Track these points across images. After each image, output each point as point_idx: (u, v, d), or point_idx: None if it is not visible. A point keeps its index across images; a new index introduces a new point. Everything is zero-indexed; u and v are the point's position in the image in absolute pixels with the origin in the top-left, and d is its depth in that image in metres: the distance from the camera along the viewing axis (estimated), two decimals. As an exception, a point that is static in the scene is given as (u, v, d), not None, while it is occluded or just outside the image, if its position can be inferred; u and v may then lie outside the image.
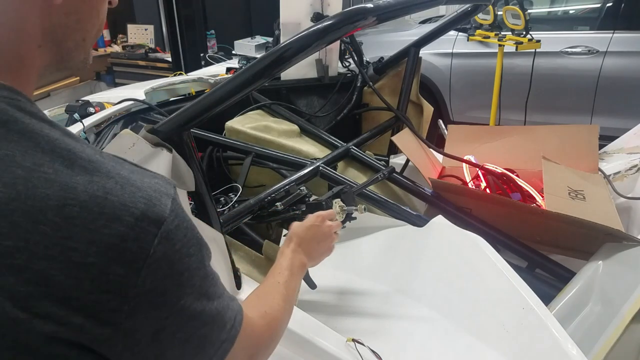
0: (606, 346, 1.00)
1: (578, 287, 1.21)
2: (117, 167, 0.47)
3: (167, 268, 0.46)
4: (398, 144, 1.69)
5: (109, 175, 0.46)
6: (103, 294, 0.43)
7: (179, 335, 0.48)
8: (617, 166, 1.70)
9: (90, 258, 0.42)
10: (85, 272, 0.42)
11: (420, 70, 2.02)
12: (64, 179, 0.44)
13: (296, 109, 2.05)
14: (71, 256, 0.42)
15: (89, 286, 0.43)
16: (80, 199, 0.43)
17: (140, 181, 0.47)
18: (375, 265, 1.37)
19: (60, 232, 0.42)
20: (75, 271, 0.42)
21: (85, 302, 0.42)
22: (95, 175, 0.45)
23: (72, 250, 0.42)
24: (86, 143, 0.49)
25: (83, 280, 0.42)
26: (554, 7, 4.31)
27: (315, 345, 0.96)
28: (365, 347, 0.94)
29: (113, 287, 0.43)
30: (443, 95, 4.01)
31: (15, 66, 0.49)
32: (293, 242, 0.95)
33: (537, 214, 1.42)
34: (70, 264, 0.42)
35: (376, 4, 1.17)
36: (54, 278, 0.42)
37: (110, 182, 0.45)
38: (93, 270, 0.42)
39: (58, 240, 0.42)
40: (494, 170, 1.65)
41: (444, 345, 1.08)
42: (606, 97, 3.47)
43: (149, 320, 0.46)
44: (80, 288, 0.42)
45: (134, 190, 0.46)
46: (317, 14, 1.98)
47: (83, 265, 0.42)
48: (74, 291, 0.42)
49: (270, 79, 1.12)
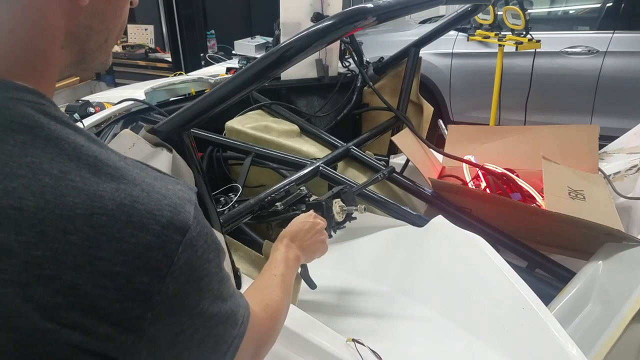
0: (606, 346, 1.00)
1: (578, 287, 1.21)
2: (142, 174, 0.47)
3: (189, 274, 0.47)
4: (398, 144, 1.69)
5: (135, 183, 0.46)
6: (128, 302, 0.43)
7: (196, 336, 0.49)
8: (617, 166, 1.70)
9: (117, 267, 0.42)
10: (112, 281, 0.42)
11: (420, 70, 2.02)
12: (91, 187, 0.43)
13: (296, 109, 2.05)
14: (98, 265, 0.42)
15: (115, 295, 0.42)
16: (108, 208, 0.43)
17: (164, 188, 0.47)
18: (375, 265, 1.37)
19: (89, 242, 0.42)
20: (103, 280, 0.42)
21: (111, 310, 0.42)
22: (122, 182, 0.45)
23: (100, 259, 0.42)
24: (110, 149, 0.49)
25: (109, 289, 0.42)
26: (554, 7, 4.31)
27: (315, 345, 0.96)
28: (365, 347, 0.94)
29: (138, 295, 0.43)
30: (443, 95, 4.01)
31: (39, 68, 0.49)
32: (286, 238, 0.99)
33: (537, 214, 1.42)
34: (97, 274, 0.42)
35: (376, 4, 1.17)
36: (81, 288, 0.41)
37: (137, 189, 0.45)
38: (119, 279, 0.42)
39: (86, 250, 0.42)
40: (494, 170, 1.65)
41: (444, 345, 1.08)
42: (606, 97, 3.47)
43: (170, 325, 0.46)
44: (107, 297, 0.42)
45: (160, 197, 0.46)
46: (317, 14, 1.98)
47: (110, 275, 0.42)
48: (101, 300, 0.42)
49: (271, 79, 1.12)
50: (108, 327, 0.42)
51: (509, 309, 1.04)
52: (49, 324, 0.40)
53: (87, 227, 0.42)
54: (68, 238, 0.41)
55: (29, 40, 0.47)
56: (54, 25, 0.48)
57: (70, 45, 0.51)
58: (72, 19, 0.49)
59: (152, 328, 0.44)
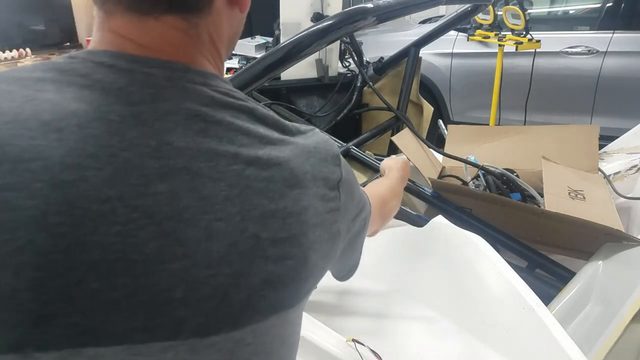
0: (606, 346, 1.00)
1: (578, 287, 1.21)
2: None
3: (347, 184, 0.60)
4: (398, 144, 1.69)
5: (306, 136, 0.56)
6: (332, 212, 0.55)
7: (359, 218, 0.67)
8: (617, 166, 1.70)
9: (322, 190, 0.54)
10: (325, 202, 0.54)
11: (420, 70, 2.02)
12: (299, 141, 0.53)
13: (296, 109, 2.05)
14: (319, 192, 0.53)
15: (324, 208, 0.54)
16: (314, 151, 0.55)
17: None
18: (375, 265, 1.37)
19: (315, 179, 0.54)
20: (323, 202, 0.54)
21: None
22: (303, 136, 0.56)
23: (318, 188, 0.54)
24: None
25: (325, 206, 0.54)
26: (554, 7, 4.31)
27: (315, 345, 0.96)
28: (365, 347, 0.94)
29: (334, 205, 0.56)
30: (443, 95, 4.01)
31: (220, 67, 0.56)
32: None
33: (537, 214, 1.42)
34: (319, 194, 0.53)
35: (376, 3, 1.17)
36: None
37: (309, 140, 0.55)
38: (326, 199, 0.54)
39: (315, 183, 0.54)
40: (494, 170, 1.65)
41: (444, 345, 1.08)
42: (606, 97, 3.47)
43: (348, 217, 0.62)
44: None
45: (320, 140, 0.57)
46: (317, 14, 1.98)
47: (324, 196, 0.54)
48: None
49: (270, 79, 1.12)
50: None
51: (508, 309, 1.04)
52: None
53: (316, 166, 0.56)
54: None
55: (221, 47, 0.55)
56: (227, 32, 0.55)
57: (225, 51, 0.57)
58: (232, 27, 0.56)
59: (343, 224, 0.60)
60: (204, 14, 0.50)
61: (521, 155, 1.72)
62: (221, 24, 0.53)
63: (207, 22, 0.51)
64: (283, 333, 0.51)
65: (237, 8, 0.55)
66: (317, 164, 0.54)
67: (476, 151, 1.78)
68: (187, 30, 0.50)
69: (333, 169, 0.56)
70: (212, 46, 0.53)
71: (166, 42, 0.49)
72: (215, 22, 0.52)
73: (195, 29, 0.50)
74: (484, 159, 1.72)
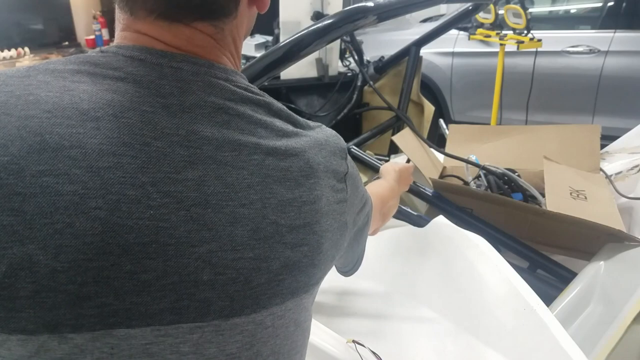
0: (608, 347, 1.00)
1: (579, 287, 1.20)
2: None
3: (352, 178, 0.63)
4: (399, 144, 1.68)
5: (316, 130, 0.59)
6: (340, 203, 0.58)
7: (362, 213, 0.68)
8: (619, 166, 1.69)
9: (332, 181, 0.57)
10: (335, 192, 0.57)
11: (421, 70, 2.01)
12: (311, 134, 0.57)
13: (296, 109, 2.05)
14: (330, 183, 0.56)
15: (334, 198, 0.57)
16: (325, 144, 0.58)
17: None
18: (376, 266, 1.37)
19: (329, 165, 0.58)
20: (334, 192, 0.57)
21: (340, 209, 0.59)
22: (313, 130, 0.59)
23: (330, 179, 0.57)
24: None
25: (335, 197, 0.58)
26: (555, 6, 4.30)
27: (315, 346, 0.95)
28: (366, 348, 0.94)
29: (342, 197, 0.59)
30: (444, 94, 4.00)
31: (238, 63, 0.59)
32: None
33: (538, 214, 1.41)
34: (330, 185, 0.56)
35: (377, 2, 1.17)
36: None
37: (320, 134, 0.59)
38: (335, 190, 0.57)
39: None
40: (495, 170, 1.64)
41: (445, 346, 1.07)
42: (608, 97, 3.46)
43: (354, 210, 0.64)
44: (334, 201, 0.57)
45: (329, 134, 0.61)
46: (317, 12, 1.98)
47: (334, 187, 0.57)
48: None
49: (270, 79, 1.12)
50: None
51: (510, 309, 1.04)
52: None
53: (329, 157, 0.60)
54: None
55: (239, 43, 0.58)
56: (245, 29, 0.58)
57: (240, 45, 0.59)
58: (249, 23, 0.59)
59: (349, 216, 0.62)
60: (230, 19, 0.53)
61: (522, 155, 1.72)
62: (242, 24, 0.56)
63: (232, 25, 0.54)
64: (298, 317, 0.54)
65: (254, 6, 0.57)
66: (328, 156, 0.57)
67: (477, 151, 1.77)
68: (214, 35, 0.52)
69: (341, 162, 0.59)
70: (233, 45, 0.56)
71: (193, 43, 0.51)
72: (237, 24, 0.55)
73: (221, 33, 0.53)
74: (485, 159, 1.71)
